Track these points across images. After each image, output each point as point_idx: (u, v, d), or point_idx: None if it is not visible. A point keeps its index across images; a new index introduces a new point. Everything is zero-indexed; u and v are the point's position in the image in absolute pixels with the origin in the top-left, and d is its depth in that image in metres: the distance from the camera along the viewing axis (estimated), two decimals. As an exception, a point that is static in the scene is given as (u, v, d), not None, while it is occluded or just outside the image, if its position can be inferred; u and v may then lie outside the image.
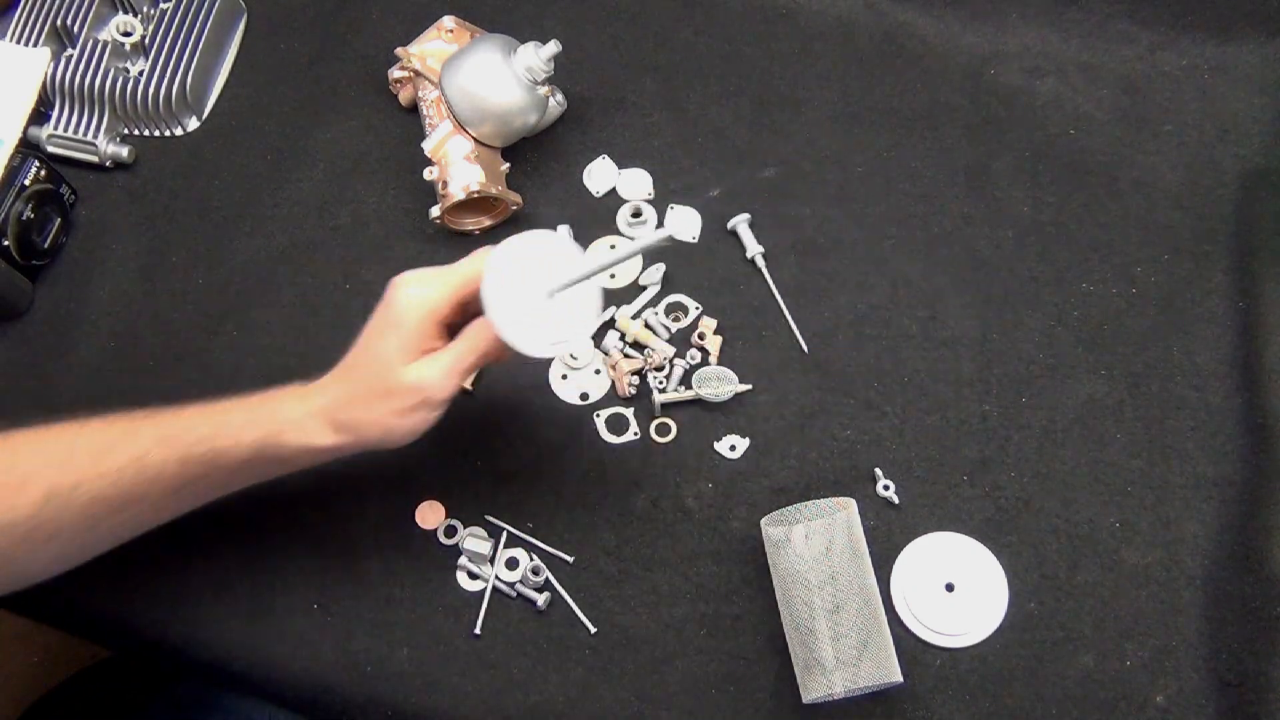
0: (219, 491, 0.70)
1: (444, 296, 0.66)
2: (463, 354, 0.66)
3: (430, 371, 0.66)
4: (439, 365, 0.66)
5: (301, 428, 0.66)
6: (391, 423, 0.66)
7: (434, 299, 0.66)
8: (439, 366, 0.66)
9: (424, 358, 0.66)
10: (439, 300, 0.66)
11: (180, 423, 0.67)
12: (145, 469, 0.65)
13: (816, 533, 0.71)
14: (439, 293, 0.66)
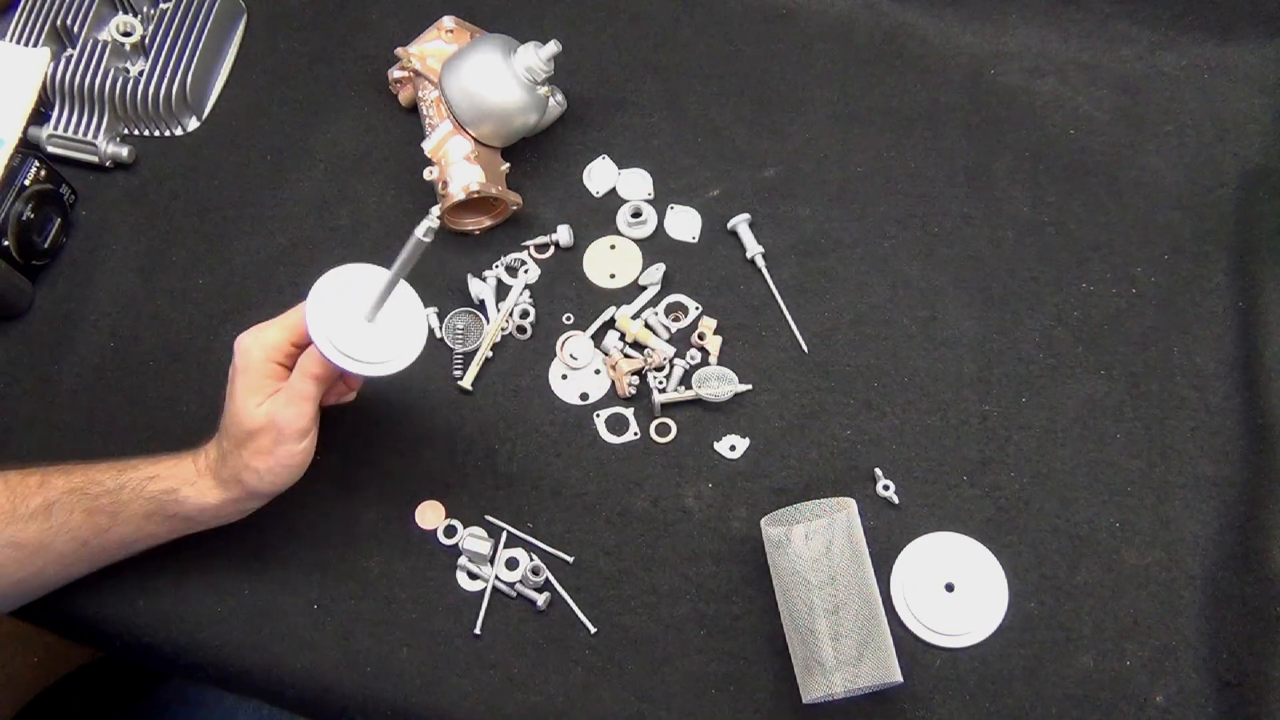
0: (125, 549, 0.73)
1: (279, 338, 0.70)
2: (297, 380, 0.69)
3: (274, 405, 0.69)
4: (280, 397, 0.69)
5: (196, 486, 0.71)
6: (259, 464, 0.70)
7: (270, 340, 0.70)
8: (281, 398, 0.69)
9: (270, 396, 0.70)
10: (274, 341, 0.70)
11: (89, 475, 0.71)
12: (53, 518, 0.69)
13: (816, 533, 0.71)
14: (273, 335, 0.70)
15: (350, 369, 0.68)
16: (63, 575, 0.73)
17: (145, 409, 0.83)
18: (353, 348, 0.68)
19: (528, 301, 0.85)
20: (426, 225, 0.64)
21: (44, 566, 0.71)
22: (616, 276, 0.86)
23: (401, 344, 0.70)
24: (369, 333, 0.69)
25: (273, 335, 0.70)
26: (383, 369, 0.69)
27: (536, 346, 0.84)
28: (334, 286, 0.69)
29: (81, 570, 0.73)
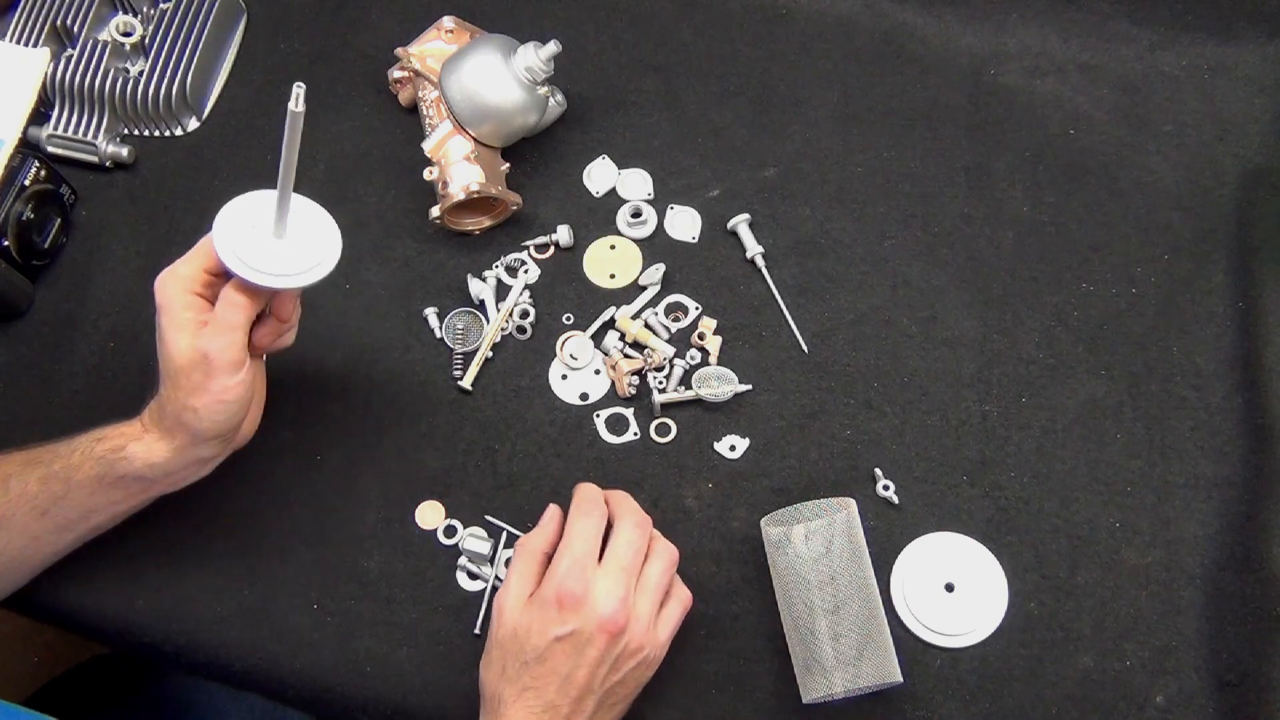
0: (88, 520, 0.72)
1: (192, 269, 0.69)
2: (221, 310, 0.68)
3: (201, 339, 0.68)
4: (208, 330, 0.68)
5: (142, 442, 0.69)
6: (196, 402, 0.68)
7: (184, 274, 0.69)
8: (208, 330, 0.68)
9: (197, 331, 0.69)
10: (188, 274, 0.69)
11: (43, 447, 0.71)
12: (10, 490, 0.70)
13: (816, 533, 0.71)
14: (186, 269, 0.69)
15: (266, 283, 0.68)
16: (34, 553, 0.72)
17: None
18: (265, 263, 0.68)
19: (528, 301, 0.85)
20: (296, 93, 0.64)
21: (9, 541, 0.70)
22: (616, 276, 0.86)
23: (316, 254, 0.71)
24: (281, 248, 0.69)
25: (185, 269, 0.69)
26: (301, 279, 0.69)
27: (536, 346, 0.84)
28: (238, 211, 0.69)
29: (52, 546, 0.73)
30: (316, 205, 0.72)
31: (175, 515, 0.73)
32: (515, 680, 0.66)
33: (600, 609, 0.66)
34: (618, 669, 0.67)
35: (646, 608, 0.69)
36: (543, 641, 0.66)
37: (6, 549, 0.71)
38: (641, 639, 0.68)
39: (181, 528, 0.75)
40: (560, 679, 0.66)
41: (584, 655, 0.66)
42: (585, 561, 0.68)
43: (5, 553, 0.71)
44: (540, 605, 0.67)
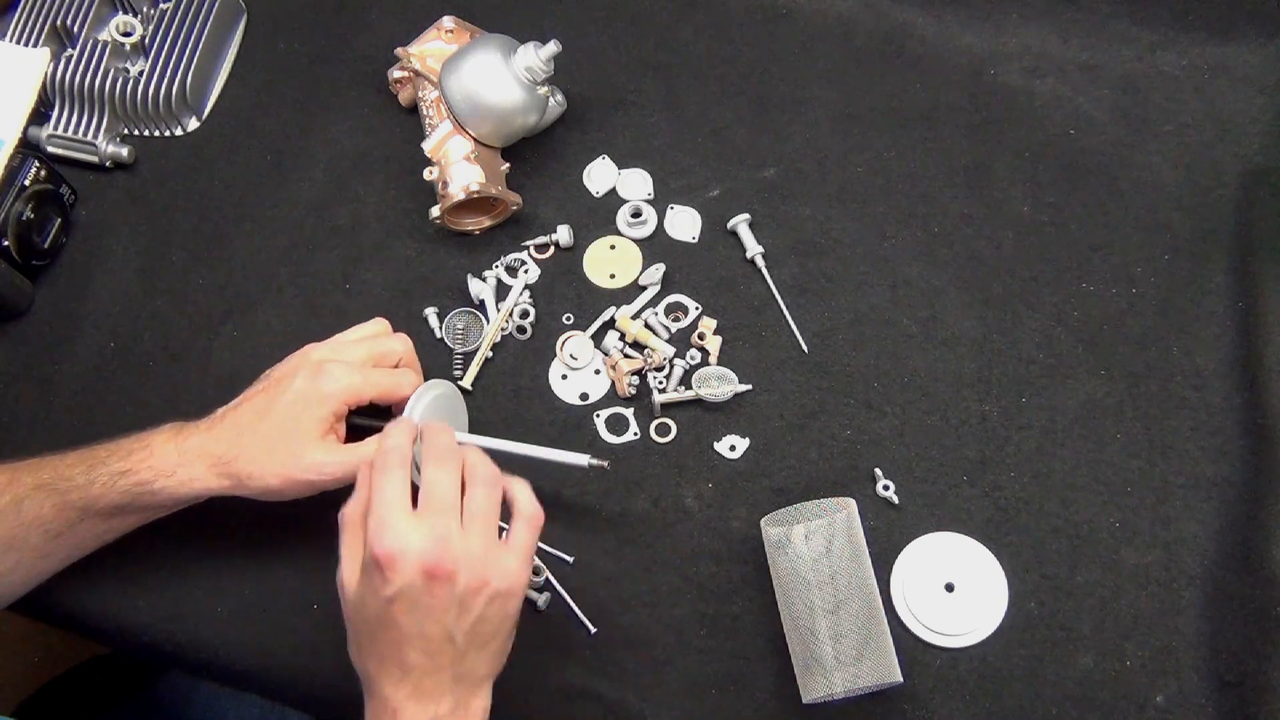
0: (100, 539, 0.73)
1: (367, 394, 0.72)
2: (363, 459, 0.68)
3: (332, 460, 0.70)
4: (341, 461, 0.70)
5: (175, 477, 0.69)
6: (275, 485, 0.70)
7: (360, 391, 0.71)
8: (341, 463, 0.70)
9: (329, 441, 0.71)
10: (363, 395, 0.72)
11: (57, 470, 0.70)
12: (23, 513, 0.69)
13: (816, 533, 0.71)
14: (365, 391, 0.72)
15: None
16: (42, 568, 0.72)
17: (145, 409, 0.83)
18: None
19: (528, 301, 0.85)
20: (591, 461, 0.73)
21: (19, 560, 0.70)
22: (616, 276, 0.86)
23: None
24: None
25: (363, 390, 0.72)
26: None
27: (536, 346, 0.84)
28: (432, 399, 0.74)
29: (61, 561, 0.73)
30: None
31: (176, 515, 0.73)
32: (372, 653, 0.63)
33: (420, 558, 0.60)
34: (468, 610, 0.62)
35: (477, 539, 0.62)
36: (379, 608, 0.61)
37: (17, 567, 0.71)
38: (482, 573, 0.62)
39: (182, 528, 0.75)
40: (412, 639, 0.61)
41: (423, 609, 0.61)
42: (394, 515, 0.62)
43: (16, 570, 0.71)
44: (365, 573, 0.63)
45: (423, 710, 0.61)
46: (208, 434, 0.70)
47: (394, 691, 0.62)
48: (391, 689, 0.62)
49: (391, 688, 0.62)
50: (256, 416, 0.70)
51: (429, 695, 0.62)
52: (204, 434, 0.70)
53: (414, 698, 0.61)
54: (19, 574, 0.71)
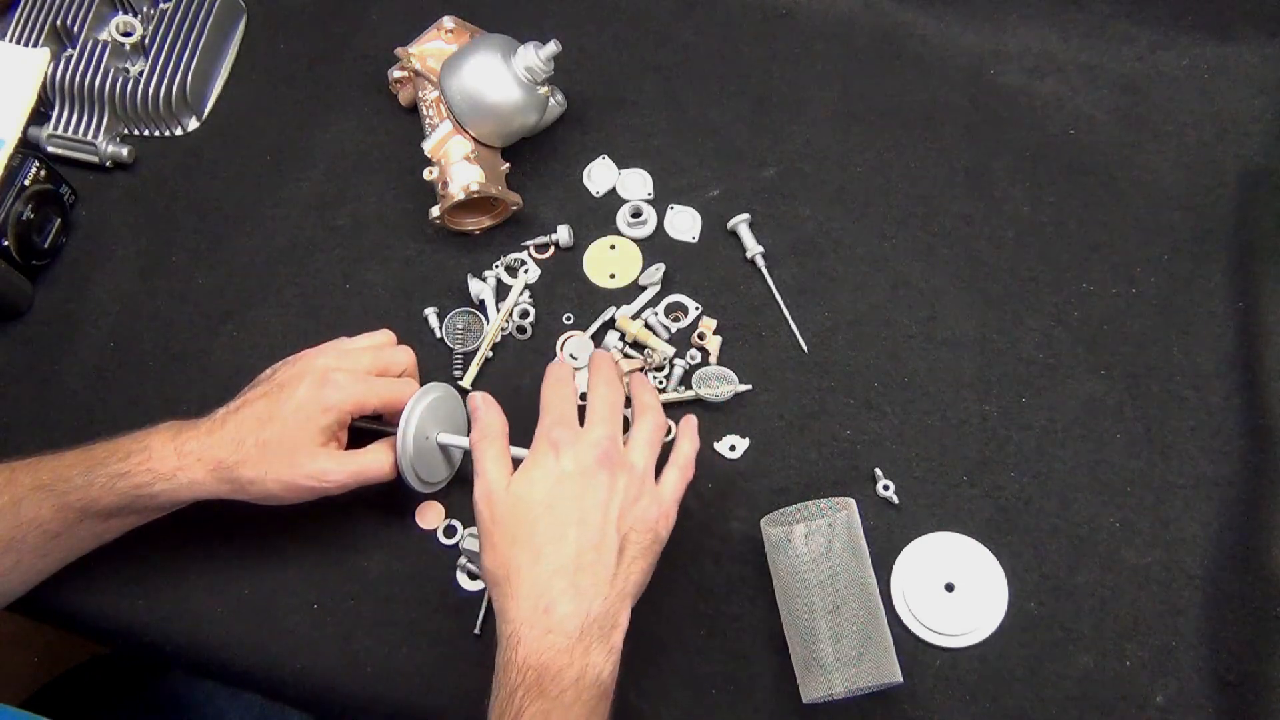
0: (100, 538, 0.73)
1: (371, 404, 0.73)
2: (365, 465, 0.72)
3: (335, 468, 0.71)
4: (344, 468, 0.71)
5: (174, 480, 0.69)
6: (277, 491, 0.70)
7: (364, 401, 0.73)
8: (344, 470, 0.71)
9: (331, 449, 0.72)
10: (367, 404, 0.73)
11: (56, 471, 0.70)
12: (21, 514, 0.69)
13: (816, 533, 0.71)
14: (369, 401, 0.72)
15: (413, 486, 0.75)
16: (41, 568, 0.72)
17: (145, 409, 0.83)
18: (417, 465, 0.74)
19: (528, 301, 0.85)
20: None
21: (18, 561, 0.70)
22: (616, 276, 0.86)
23: (439, 467, 0.78)
24: (428, 452, 0.75)
25: (366, 400, 0.72)
26: (421, 487, 0.76)
27: (536, 346, 0.84)
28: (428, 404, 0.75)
29: (59, 561, 0.73)
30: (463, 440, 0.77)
31: (176, 515, 0.73)
32: (528, 546, 0.63)
33: (595, 445, 0.66)
34: (624, 515, 0.65)
35: (640, 457, 0.67)
36: (547, 491, 0.64)
37: (16, 567, 0.70)
38: (640, 489, 0.66)
39: (182, 528, 0.75)
40: (574, 523, 0.64)
41: (591, 493, 0.64)
42: (568, 418, 0.68)
43: (14, 570, 0.71)
44: (533, 461, 0.66)
45: (577, 608, 0.62)
46: (208, 437, 0.70)
47: (549, 582, 0.62)
48: (547, 581, 0.62)
49: (547, 580, 0.62)
50: (259, 423, 0.70)
51: (584, 593, 0.63)
52: (204, 437, 0.70)
53: (569, 593, 0.62)
54: (18, 574, 0.71)
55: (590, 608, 0.62)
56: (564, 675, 0.60)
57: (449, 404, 0.78)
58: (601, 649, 0.62)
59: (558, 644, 0.61)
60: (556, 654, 0.61)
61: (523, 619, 0.62)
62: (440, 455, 0.77)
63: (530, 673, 0.60)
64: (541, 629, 0.61)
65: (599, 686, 0.62)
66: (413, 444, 0.73)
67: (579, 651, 0.61)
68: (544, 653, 0.61)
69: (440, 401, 0.76)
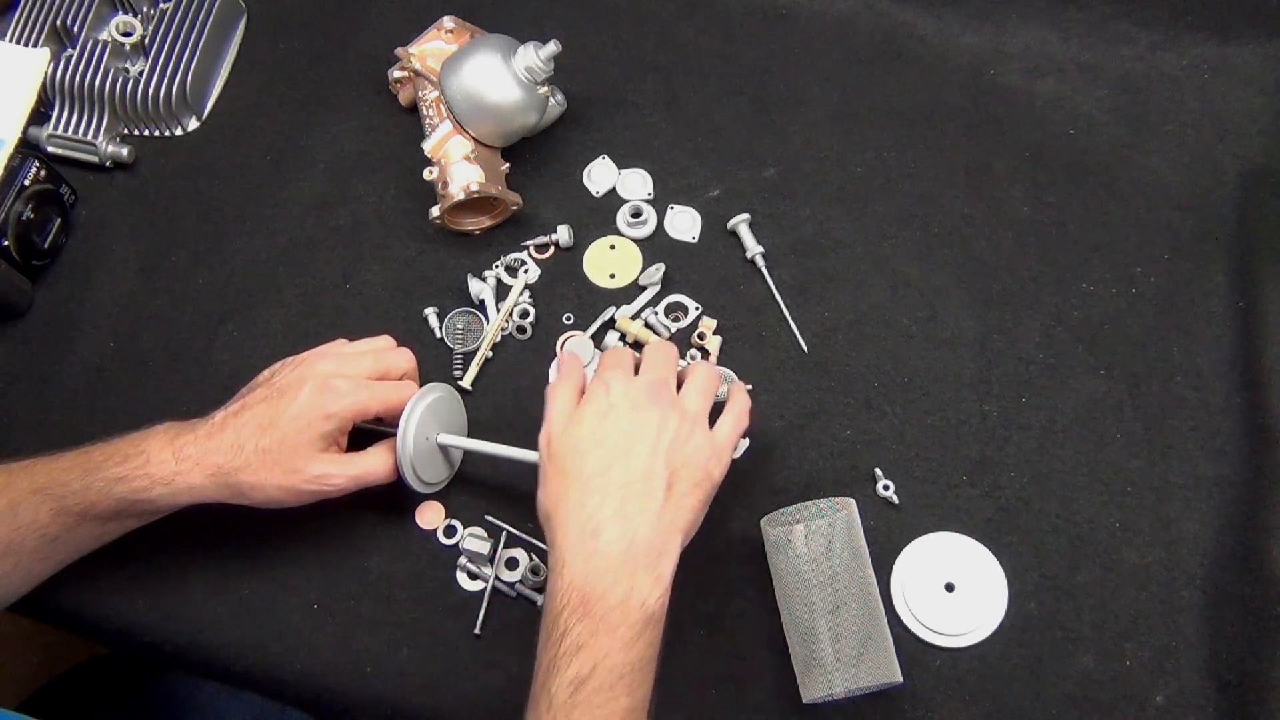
0: (99, 541, 0.73)
1: (374, 409, 0.73)
2: (366, 468, 0.72)
3: (336, 472, 0.71)
4: (345, 472, 0.71)
5: (172, 485, 0.69)
6: (278, 496, 0.71)
7: (366, 407, 0.73)
8: (345, 474, 0.71)
9: (332, 453, 0.72)
10: (369, 410, 0.73)
11: (53, 474, 0.70)
12: (19, 517, 0.69)
13: (816, 533, 0.71)
14: (371, 406, 0.72)
15: (413, 486, 0.75)
16: (40, 571, 0.72)
17: (145, 409, 0.83)
18: (416, 466, 0.74)
19: (528, 301, 0.85)
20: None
21: (17, 564, 0.70)
22: (616, 276, 0.86)
23: (440, 468, 0.78)
24: (428, 453, 0.75)
25: (368, 405, 0.72)
26: (420, 487, 0.76)
27: (536, 346, 0.84)
28: (426, 405, 0.75)
29: (59, 563, 0.73)
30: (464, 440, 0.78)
31: (176, 515, 0.73)
32: (577, 476, 0.66)
33: (648, 377, 0.69)
34: (674, 451, 0.66)
35: (692, 401, 0.69)
36: (597, 416, 0.67)
37: (14, 570, 0.70)
38: (693, 425, 0.68)
39: (182, 528, 0.75)
40: (622, 449, 0.66)
41: (640, 418, 0.67)
42: (624, 366, 0.71)
43: (13, 573, 0.70)
44: (587, 399, 0.69)
45: (622, 532, 0.64)
46: (207, 441, 0.69)
47: (597, 509, 0.64)
48: (595, 508, 0.64)
49: (596, 502, 0.64)
50: (259, 428, 0.69)
51: (630, 521, 0.64)
52: (203, 441, 0.70)
53: (615, 519, 0.64)
54: (16, 576, 0.71)
55: (636, 533, 0.64)
56: (609, 596, 0.62)
57: (449, 404, 0.78)
58: (648, 576, 0.63)
59: (602, 566, 0.63)
60: (601, 575, 0.62)
61: (569, 545, 0.64)
62: (440, 455, 0.77)
63: (575, 594, 0.62)
64: (587, 552, 0.63)
65: (645, 611, 0.63)
66: (413, 445, 0.73)
67: (624, 574, 0.63)
68: (589, 574, 0.63)
69: (440, 402, 0.76)
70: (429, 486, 0.77)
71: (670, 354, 0.72)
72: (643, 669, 0.63)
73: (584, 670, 0.60)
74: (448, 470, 0.79)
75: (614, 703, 0.61)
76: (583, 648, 0.61)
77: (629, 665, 0.61)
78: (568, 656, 0.61)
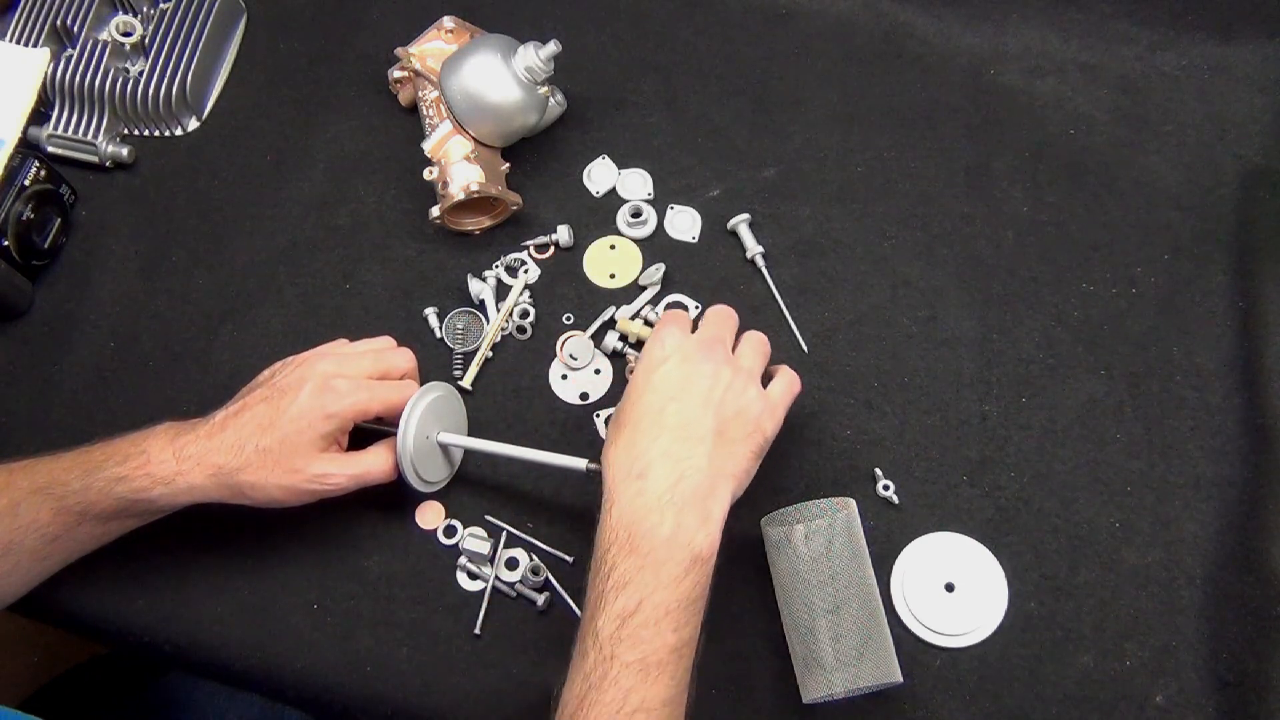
0: (99, 541, 0.73)
1: (374, 410, 0.73)
2: (367, 468, 0.73)
3: (336, 472, 0.71)
4: (345, 472, 0.72)
5: (172, 485, 0.69)
6: (279, 496, 0.71)
7: (366, 407, 0.73)
8: (345, 473, 0.72)
9: (332, 452, 0.72)
10: (369, 411, 0.73)
11: (53, 474, 0.70)
12: (20, 517, 0.69)
13: (816, 533, 0.71)
14: (371, 406, 0.73)
15: (414, 485, 0.75)
16: (40, 570, 0.72)
17: (145, 409, 0.83)
18: (417, 465, 0.74)
19: (528, 301, 0.85)
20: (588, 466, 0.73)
21: (17, 563, 0.70)
22: (616, 276, 0.86)
23: (440, 467, 0.78)
24: (428, 452, 0.76)
25: (369, 406, 0.72)
26: (420, 485, 0.76)
27: (536, 346, 0.84)
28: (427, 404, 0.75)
29: (59, 563, 0.73)
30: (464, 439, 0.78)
31: (176, 515, 0.73)
32: (629, 420, 0.68)
33: (700, 337, 0.71)
34: (724, 404, 0.68)
35: (746, 359, 0.72)
36: (651, 367, 0.69)
37: (14, 570, 0.70)
38: (746, 380, 0.70)
39: (182, 528, 0.75)
40: (674, 397, 0.68)
41: (692, 379, 0.68)
42: (683, 324, 0.73)
43: (13, 573, 0.70)
44: (645, 355, 0.71)
45: (670, 471, 0.65)
46: (207, 441, 0.70)
47: (645, 450, 0.66)
48: (644, 448, 0.66)
49: (645, 444, 0.66)
50: (259, 428, 0.70)
51: (677, 460, 0.66)
52: (203, 441, 0.70)
53: (663, 459, 0.66)
54: (16, 576, 0.71)
55: (684, 473, 0.65)
56: (655, 533, 0.63)
57: (449, 404, 0.78)
58: (694, 515, 0.64)
59: (650, 503, 0.64)
60: (648, 512, 0.64)
61: (618, 483, 0.66)
62: (441, 455, 0.77)
63: (622, 530, 0.64)
64: (634, 491, 0.65)
65: (691, 550, 0.63)
66: (413, 444, 0.73)
67: (669, 512, 0.64)
68: (635, 511, 0.64)
69: (440, 401, 0.76)
70: (429, 485, 0.77)
71: (729, 316, 0.75)
72: (689, 607, 0.63)
73: (630, 605, 0.61)
74: (448, 469, 0.79)
75: (659, 638, 0.62)
76: (629, 583, 0.62)
77: (675, 602, 0.62)
78: (614, 591, 0.62)
